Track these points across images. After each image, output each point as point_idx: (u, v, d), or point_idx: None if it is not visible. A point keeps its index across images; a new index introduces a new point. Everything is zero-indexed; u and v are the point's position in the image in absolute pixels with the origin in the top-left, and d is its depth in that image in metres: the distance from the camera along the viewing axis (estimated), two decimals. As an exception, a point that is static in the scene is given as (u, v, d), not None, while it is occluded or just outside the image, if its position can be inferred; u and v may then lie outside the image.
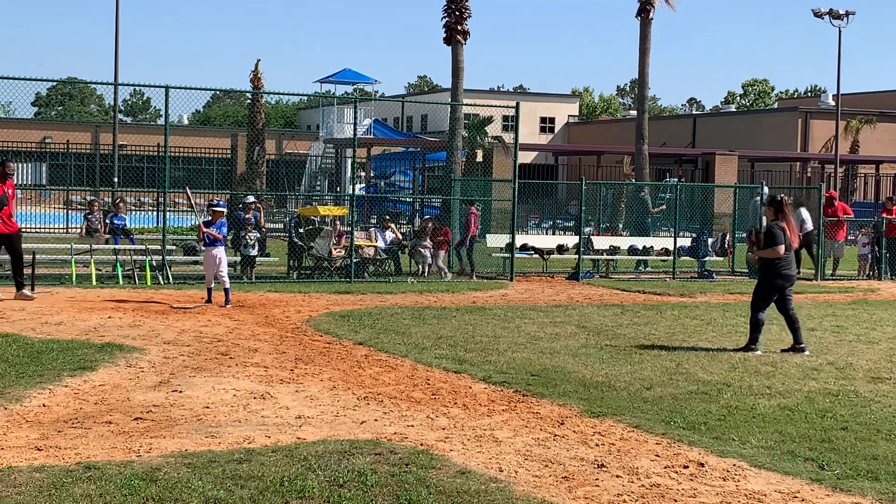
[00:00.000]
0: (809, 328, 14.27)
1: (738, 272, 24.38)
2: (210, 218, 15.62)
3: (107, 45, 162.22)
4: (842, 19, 39.84)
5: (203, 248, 15.74)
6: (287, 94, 52.13)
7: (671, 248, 23.35)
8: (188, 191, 16.79)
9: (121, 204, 21.71)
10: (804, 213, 23.07)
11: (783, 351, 11.94)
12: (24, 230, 16.04)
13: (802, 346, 11.98)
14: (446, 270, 21.05)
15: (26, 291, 15.17)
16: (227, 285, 15.26)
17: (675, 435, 7.72)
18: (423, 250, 20.95)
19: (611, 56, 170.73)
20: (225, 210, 16.02)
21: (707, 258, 23.57)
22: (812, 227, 23.14)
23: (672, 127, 65.59)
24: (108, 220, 20.84)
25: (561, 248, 23.31)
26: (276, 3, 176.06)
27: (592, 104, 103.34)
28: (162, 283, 17.86)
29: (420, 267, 20.99)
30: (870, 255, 24.48)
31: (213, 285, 15.28)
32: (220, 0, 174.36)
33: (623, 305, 16.84)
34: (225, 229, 15.68)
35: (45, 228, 30.51)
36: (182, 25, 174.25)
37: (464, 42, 31.97)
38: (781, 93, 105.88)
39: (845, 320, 15.35)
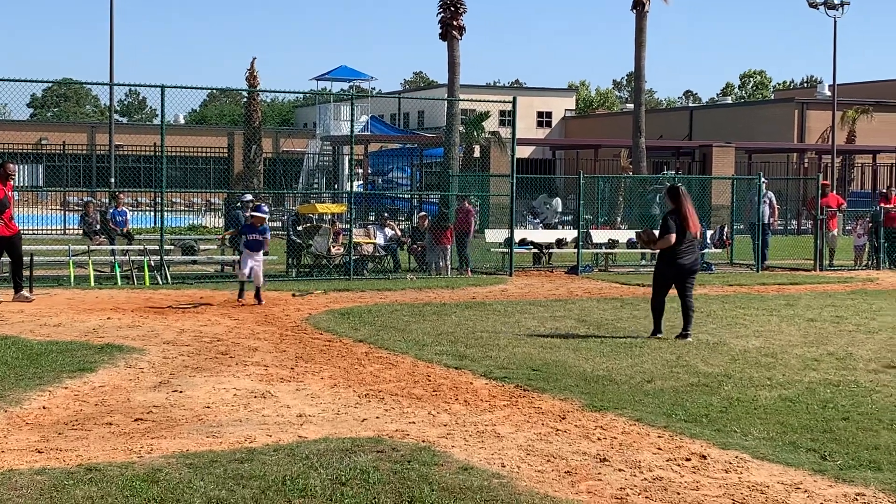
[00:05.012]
0: (809, 318, 14.29)
1: (736, 263, 24.37)
2: (251, 222, 15.62)
3: (102, 45, 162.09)
4: (837, 9, 39.79)
5: (244, 249, 15.46)
6: (283, 92, 51.92)
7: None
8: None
9: (120, 196, 21.51)
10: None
11: (676, 337, 12.15)
12: (21, 232, 15.98)
13: (687, 334, 12.17)
14: (448, 267, 21.00)
15: (25, 293, 15.14)
16: (261, 283, 15.29)
17: (677, 428, 7.72)
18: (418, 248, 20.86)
19: (607, 49, 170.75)
20: (267, 216, 15.95)
21: (705, 250, 23.53)
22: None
23: (669, 119, 65.53)
24: (108, 217, 20.75)
25: (560, 243, 23.28)
26: (271, 1, 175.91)
27: (589, 98, 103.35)
28: (160, 283, 17.84)
29: (418, 264, 20.93)
30: (866, 246, 24.47)
31: (246, 279, 15.22)
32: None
33: (623, 299, 16.82)
34: (269, 234, 15.68)
35: (42, 230, 30.47)
36: (177, 25, 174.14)
37: (459, 37, 31.91)
38: (778, 84, 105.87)
39: (845, 310, 15.35)
